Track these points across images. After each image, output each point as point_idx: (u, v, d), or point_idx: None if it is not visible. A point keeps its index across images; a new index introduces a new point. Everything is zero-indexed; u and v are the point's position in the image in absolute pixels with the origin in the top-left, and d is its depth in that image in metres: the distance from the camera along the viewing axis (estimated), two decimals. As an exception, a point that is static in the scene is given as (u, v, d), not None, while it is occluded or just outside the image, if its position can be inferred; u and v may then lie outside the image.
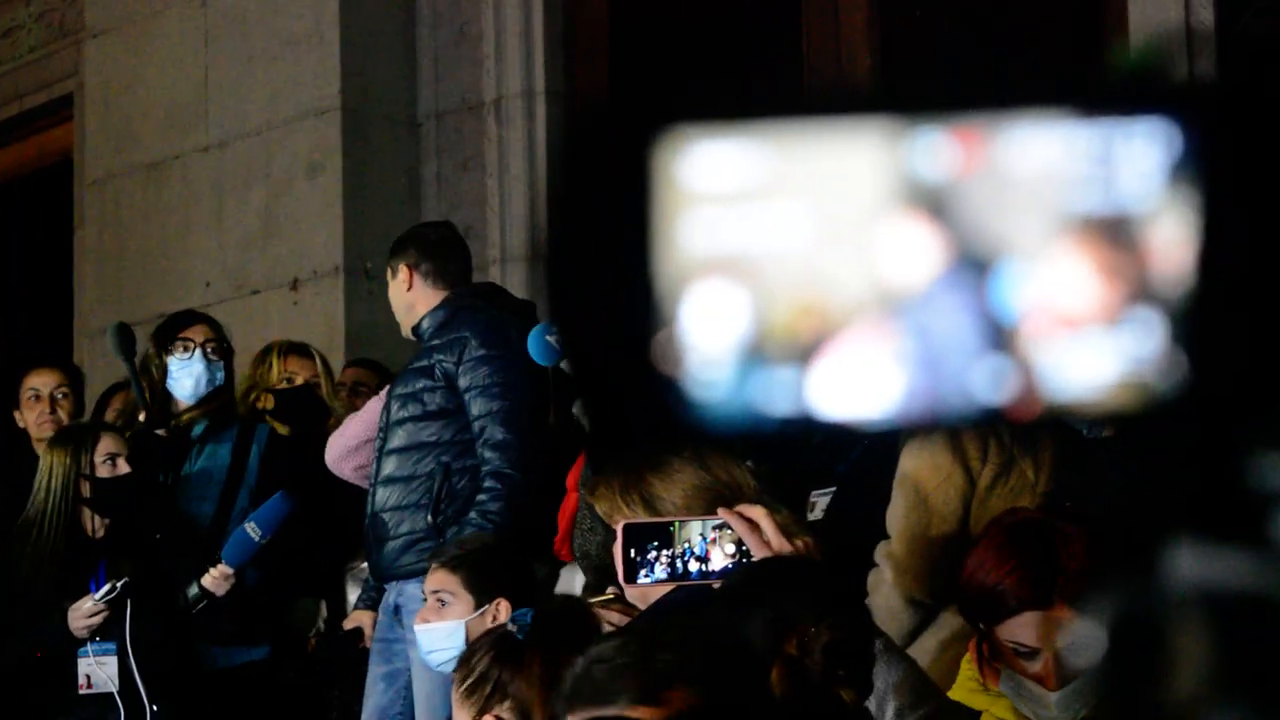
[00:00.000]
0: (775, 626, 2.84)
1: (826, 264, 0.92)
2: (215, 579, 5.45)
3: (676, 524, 3.35)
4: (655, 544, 3.34)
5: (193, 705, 5.58)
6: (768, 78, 7.10)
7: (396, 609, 5.35)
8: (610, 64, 7.57)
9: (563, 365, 5.08)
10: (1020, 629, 3.11)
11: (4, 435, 6.57)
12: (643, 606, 3.53)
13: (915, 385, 0.93)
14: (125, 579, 5.38)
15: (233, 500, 5.88)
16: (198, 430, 5.95)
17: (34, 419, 6.43)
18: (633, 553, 3.35)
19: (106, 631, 5.47)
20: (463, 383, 5.38)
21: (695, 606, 3.24)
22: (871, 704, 2.99)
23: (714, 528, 3.33)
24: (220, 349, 6.03)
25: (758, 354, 0.92)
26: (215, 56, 8.01)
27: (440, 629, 4.56)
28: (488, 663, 3.49)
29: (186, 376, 5.97)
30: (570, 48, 7.60)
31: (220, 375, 6.01)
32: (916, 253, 0.92)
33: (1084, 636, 2.97)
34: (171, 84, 8.18)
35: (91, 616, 5.42)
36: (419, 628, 4.63)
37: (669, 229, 0.93)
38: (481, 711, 3.49)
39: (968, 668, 3.33)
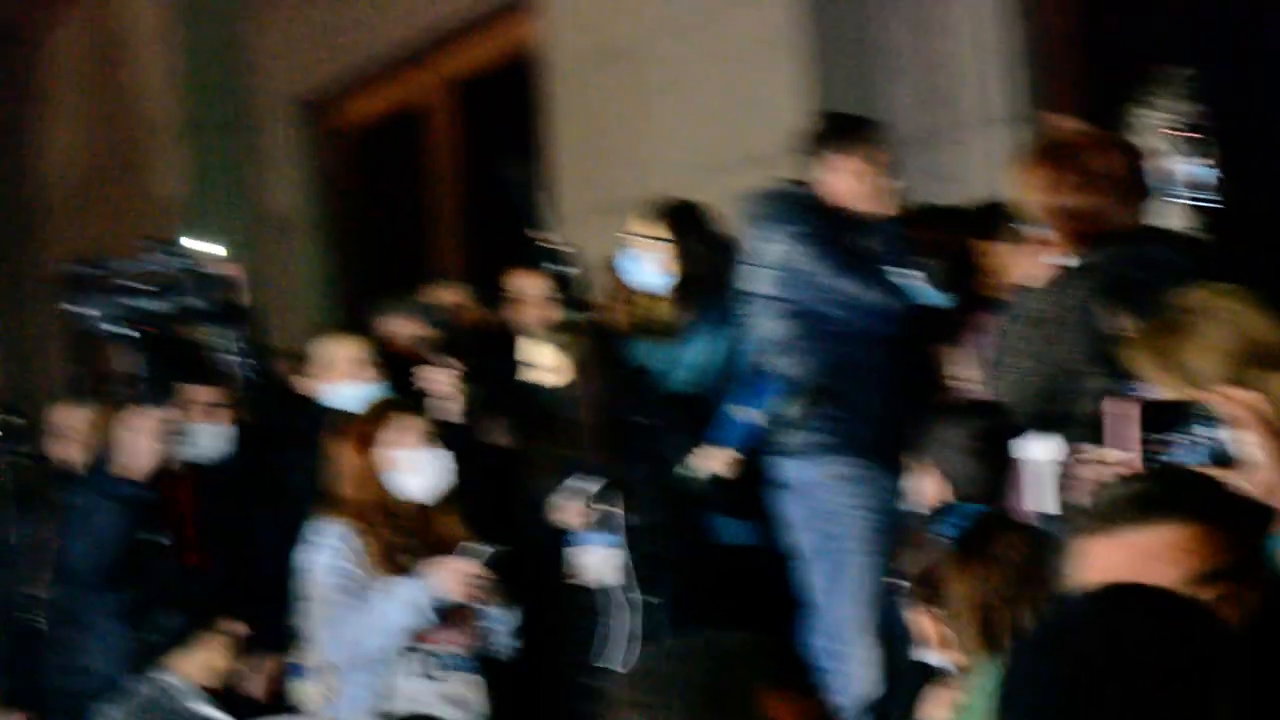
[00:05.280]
0: None
1: None
2: (716, 462, 5.74)
3: (1198, 405, 3.29)
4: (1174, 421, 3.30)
5: (695, 589, 5.88)
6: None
7: None
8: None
9: None
10: None
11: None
12: None
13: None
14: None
15: (718, 388, 6.17)
16: (684, 322, 6.24)
17: None
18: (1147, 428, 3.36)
19: (605, 522, 5.83)
20: None
21: None
22: None
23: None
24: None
25: None
26: (674, -59, 8.26)
27: None
28: (930, 564, 3.74)
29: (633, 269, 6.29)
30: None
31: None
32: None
33: None
34: (632, -31, 8.48)
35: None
36: None
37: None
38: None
39: None
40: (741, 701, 1.95)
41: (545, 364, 5.97)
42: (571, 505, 5.79)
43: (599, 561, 5.77)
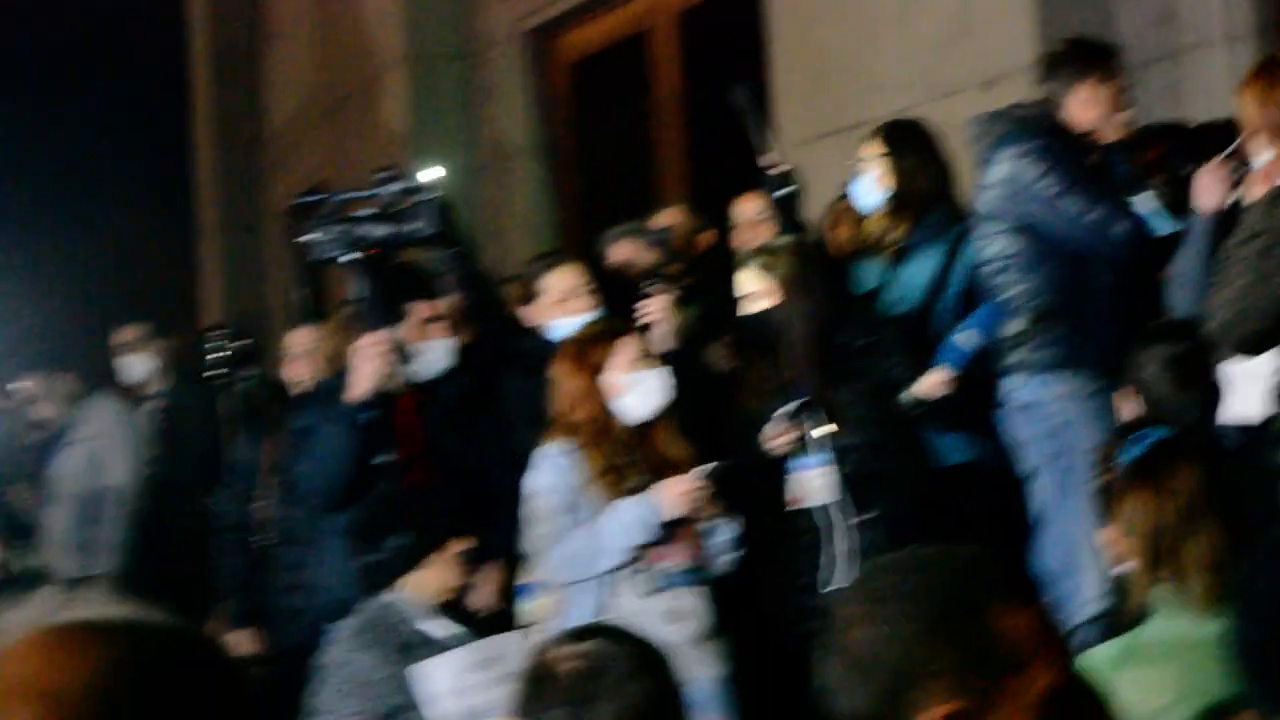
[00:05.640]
0: None
1: None
2: (934, 383, 5.73)
3: None
4: None
5: (914, 508, 5.87)
6: None
7: None
8: None
9: None
10: None
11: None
12: None
13: None
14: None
15: (935, 305, 6.16)
16: (900, 239, 6.24)
17: None
18: None
19: (818, 443, 5.85)
20: None
21: None
22: None
23: None
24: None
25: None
26: None
27: None
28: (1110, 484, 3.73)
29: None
30: None
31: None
32: None
33: None
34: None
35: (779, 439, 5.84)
36: None
37: None
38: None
39: None
40: (972, 614, 1.95)
41: (753, 288, 6.01)
42: (784, 431, 5.83)
43: (815, 483, 5.80)
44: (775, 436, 5.87)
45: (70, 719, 1.35)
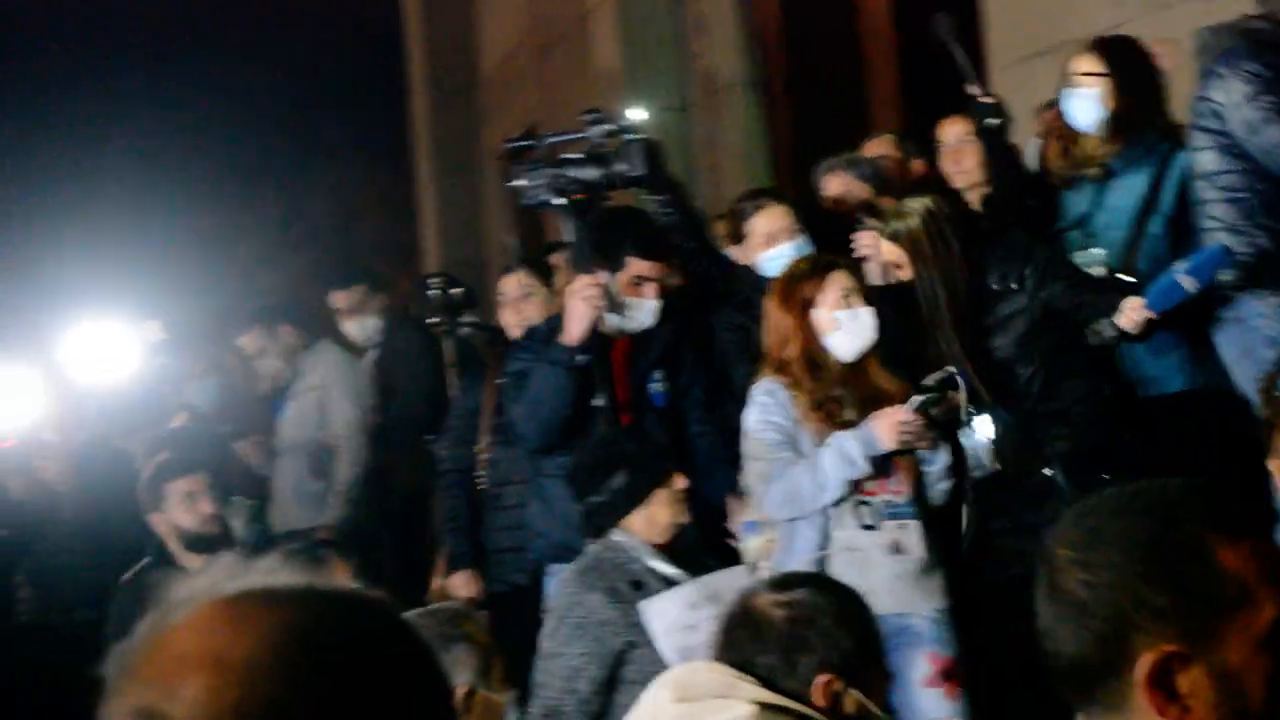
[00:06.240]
0: None
1: None
2: (1134, 320, 5.62)
3: None
4: None
5: (1101, 441, 5.78)
6: None
7: None
8: None
9: None
10: None
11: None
12: None
13: None
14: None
15: (1144, 228, 6.02)
16: (1109, 160, 6.11)
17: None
18: None
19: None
20: None
21: None
22: None
23: None
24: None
25: None
26: None
27: None
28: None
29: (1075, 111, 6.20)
30: None
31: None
32: None
33: None
34: None
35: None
36: None
37: None
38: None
39: None
40: (1186, 552, 1.88)
41: (887, 256, 5.95)
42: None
43: (978, 452, 5.77)
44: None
45: (243, 688, 1.36)
